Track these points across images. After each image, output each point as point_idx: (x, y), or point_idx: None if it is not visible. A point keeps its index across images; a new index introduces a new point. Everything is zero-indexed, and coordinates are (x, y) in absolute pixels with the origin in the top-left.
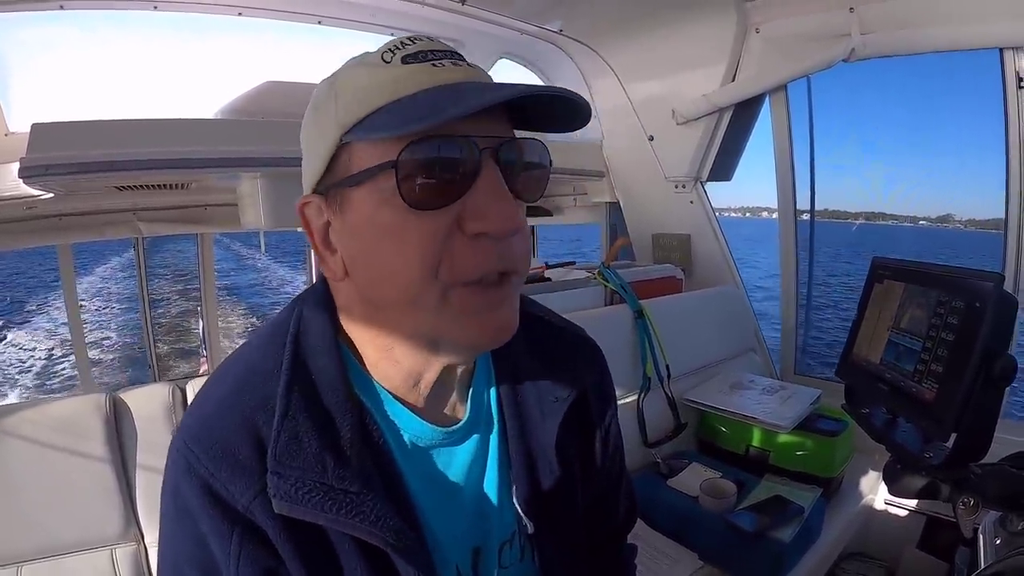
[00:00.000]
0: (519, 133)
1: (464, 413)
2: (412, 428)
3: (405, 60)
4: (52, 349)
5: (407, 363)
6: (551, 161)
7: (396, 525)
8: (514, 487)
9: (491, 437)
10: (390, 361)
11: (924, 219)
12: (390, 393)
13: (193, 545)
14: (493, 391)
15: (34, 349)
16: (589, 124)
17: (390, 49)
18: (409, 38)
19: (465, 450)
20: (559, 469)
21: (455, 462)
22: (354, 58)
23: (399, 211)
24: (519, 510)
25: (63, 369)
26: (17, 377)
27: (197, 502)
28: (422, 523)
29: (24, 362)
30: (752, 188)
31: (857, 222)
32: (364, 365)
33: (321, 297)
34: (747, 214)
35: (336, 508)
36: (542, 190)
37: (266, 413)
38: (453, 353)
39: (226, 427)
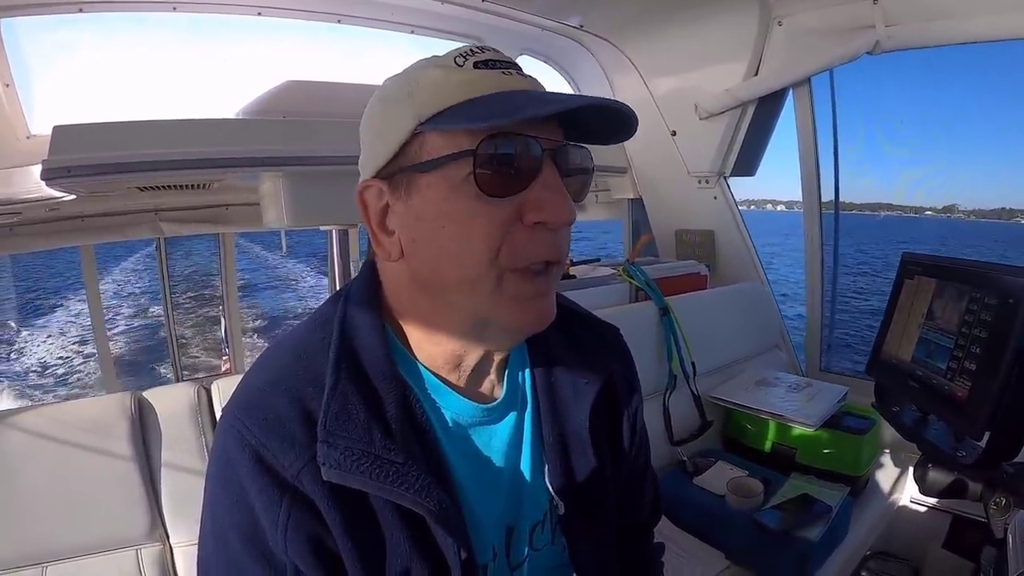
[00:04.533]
0: None
1: (501, 392)
2: (454, 406)
3: (477, 65)
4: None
5: (450, 346)
6: (594, 167)
7: (438, 496)
8: (547, 467)
9: (526, 417)
10: (433, 343)
11: (930, 209)
12: (432, 373)
13: (240, 515)
14: (527, 372)
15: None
16: None
17: (462, 54)
18: (478, 47)
19: (503, 429)
20: (591, 452)
21: (494, 441)
22: (425, 60)
23: (470, 197)
24: (551, 491)
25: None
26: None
27: (247, 471)
28: (461, 498)
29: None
30: (757, 179)
31: (881, 214)
32: (408, 346)
33: (367, 282)
34: (752, 207)
35: (383, 476)
36: (586, 192)
37: (315, 388)
38: (496, 338)
39: (277, 400)
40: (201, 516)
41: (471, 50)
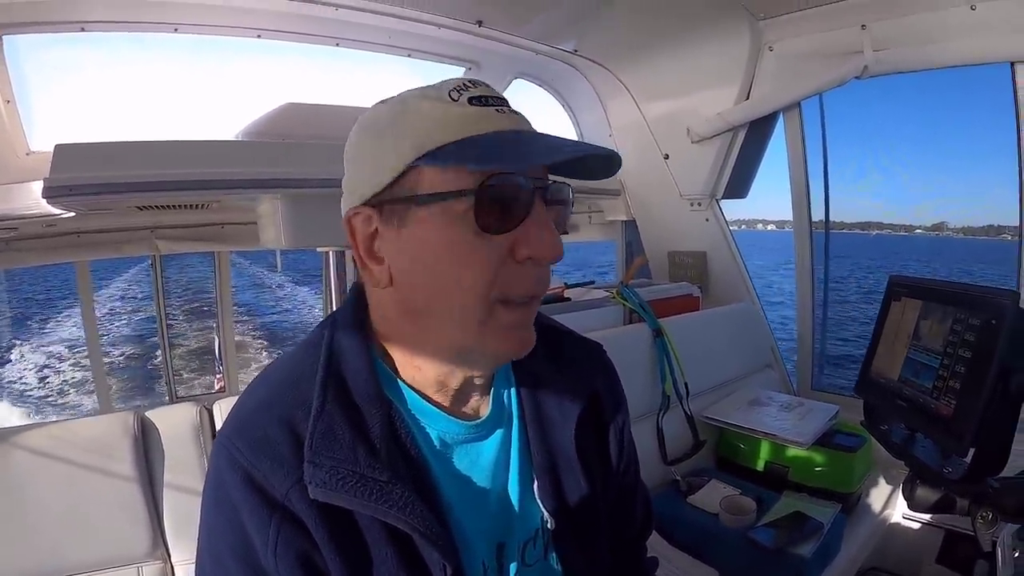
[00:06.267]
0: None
1: (487, 410)
2: (440, 425)
3: (472, 101)
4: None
5: (432, 371)
6: (572, 199)
7: (422, 512)
8: (536, 484)
9: (513, 434)
10: (415, 367)
11: (919, 228)
12: (418, 393)
13: (233, 534)
14: (513, 391)
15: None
16: (604, 142)
17: (456, 89)
18: (470, 81)
19: (490, 447)
20: (579, 468)
21: (480, 459)
22: (418, 90)
23: (468, 232)
24: (541, 507)
25: None
26: None
27: (239, 492)
28: (448, 516)
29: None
30: (748, 199)
31: (873, 232)
32: (394, 368)
33: (354, 307)
34: (743, 226)
35: (367, 494)
36: (567, 221)
37: (303, 410)
38: (478, 363)
39: (266, 423)
40: (198, 535)
41: (464, 84)
